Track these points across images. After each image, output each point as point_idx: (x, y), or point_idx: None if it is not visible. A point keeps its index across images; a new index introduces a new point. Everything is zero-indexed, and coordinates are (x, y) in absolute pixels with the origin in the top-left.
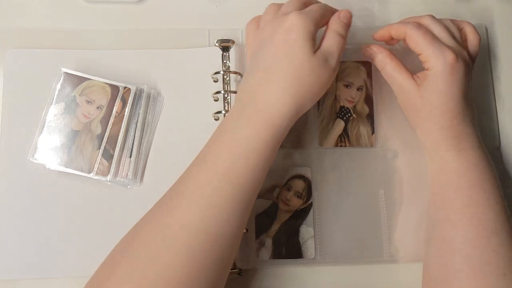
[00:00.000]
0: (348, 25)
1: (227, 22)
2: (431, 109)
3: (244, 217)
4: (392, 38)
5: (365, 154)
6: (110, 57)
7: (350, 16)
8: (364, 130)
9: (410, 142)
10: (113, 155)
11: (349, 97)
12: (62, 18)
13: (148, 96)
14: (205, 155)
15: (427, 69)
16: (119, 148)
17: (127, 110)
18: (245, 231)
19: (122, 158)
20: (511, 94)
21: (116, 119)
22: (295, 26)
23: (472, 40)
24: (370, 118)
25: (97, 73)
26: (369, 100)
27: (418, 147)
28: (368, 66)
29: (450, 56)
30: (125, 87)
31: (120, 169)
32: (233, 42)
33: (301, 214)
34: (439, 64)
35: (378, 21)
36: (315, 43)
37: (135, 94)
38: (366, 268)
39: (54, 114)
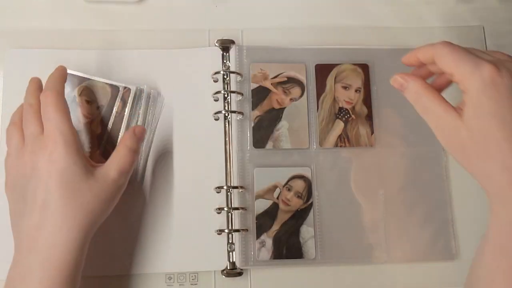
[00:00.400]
0: (142, 140)
1: (227, 22)
2: (484, 143)
3: None
4: (421, 62)
5: (364, 154)
6: (110, 57)
7: (144, 131)
8: (363, 130)
9: (410, 141)
10: None
11: (348, 98)
12: (62, 18)
13: (148, 96)
14: None
15: (464, 92)
16: None
17: (127, 110)
18: (246, 231)
19: None
20: None
21: (116, 119)
22: (54, 159)
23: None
24: (369, 118)
25: (97, 73)
26: (367, 101)
27: (418, 147)
28: (365, 68)
29: (488, 68)
30: (125, 87)
31: None
32: (233, 42)
33: (301, 214)
34: (476, 81)
35: (378, 21)
36: (82, 156)
37: (135, 94)
38: (366, 268)
39: None
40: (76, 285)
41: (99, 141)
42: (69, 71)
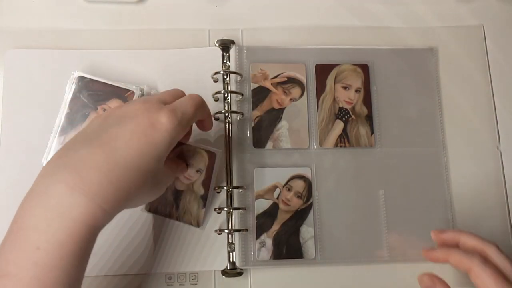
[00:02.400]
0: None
1: (227, 22)
2: None
3: None
4: (447, 260)
5: (364, 154)
6: (110, 57)
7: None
8: (363, 130)
9: (410, 141)
10: None
11: (348, 98)
12: (62, 18)
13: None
14: (7, 264)
15: None
16: None
17: None
18: (246, 231)
19: None
20: (510, 94)
21: None
22: (164, 128)
23: None
24: (369, 118)
25: (97, 73)
26: (367, 101)
27: (418, 147)
28: (365, 68)
29: None
30: (129, 90)
31: None
32: (233, 42)
33: (301, 214)
34: None
35: (378, 21)
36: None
37: (139, 98)
38: (366, 268)
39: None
40: (93, 239)
41: None
42: (83, 75)
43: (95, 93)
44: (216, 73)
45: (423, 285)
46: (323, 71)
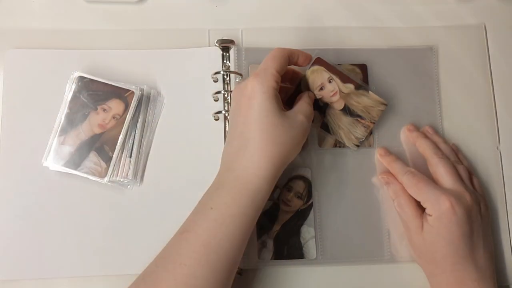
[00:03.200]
0: (313, 99)
1: (227, 22)
2: (432, 252)
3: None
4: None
5: (364, 155)
6: (110, 57)
7: (307, 57)
8: None
9: (408, 141)
10: (112, 157)
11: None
12: (62, 18)
13: (148, 96)
14: (188, 224)
15: (427, 214)
16: (118, 150)
17: (129, 113)
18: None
19: (122, 159)
20: (510, 94)
21: (118, 122)
22: (254, 91)
23: (476, 185)
24: None
25: (97, 73)
26: None
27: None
28: (363, 68)
29: (445, 204)
30: (129, 90)
31: (120, 169)
32: (233, 42)
33: (301, 215)
34: (435, 211)
35: (377, 21)
36: (279, 99)
37: (139, 98)
38: (367, 268)
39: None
40: (257, 209)
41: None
42: (83, 75)
43: (95, 93)
44: (216, 73)
45: (382, 180)
46: None
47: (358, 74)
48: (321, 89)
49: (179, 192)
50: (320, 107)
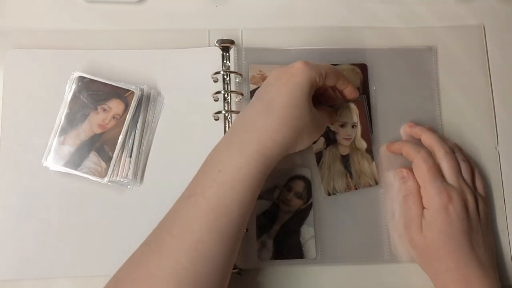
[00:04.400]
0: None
1: (227, 22)
2: (435, 250)
3: (233, 254)
4: (401, 153)
5: (364, 154)
6: (110, 57)
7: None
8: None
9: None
10: (112, 157)
11: None
12: (62, 18)
13: (148, 96)
14: (195, 187)
15: (425, 207)
16: (118, 150)
17: (129, 113)
18: (246, 231)
19: (122, 158)
20: (509, 94)
21: (118, 122)
22: (300, 70)
23: (479, 185)
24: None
25: (97, 73)
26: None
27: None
28: (364, 68)
29: (444, 198)
30: (129, 90)
31: (120, 169)
32: (233, 42)
33: (301, 215)
34: (434, 204)
35: (377, 21)
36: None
37: (139, 98)
38: (366, 268)
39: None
40: (265, 175)
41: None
42: (83, 75)
43: (95, 93)
44: (216, 73)
45: (401, 174)
46: None
47: (358, 74)
48: (342, 126)
49: (179, 192)
50: (329, 138)
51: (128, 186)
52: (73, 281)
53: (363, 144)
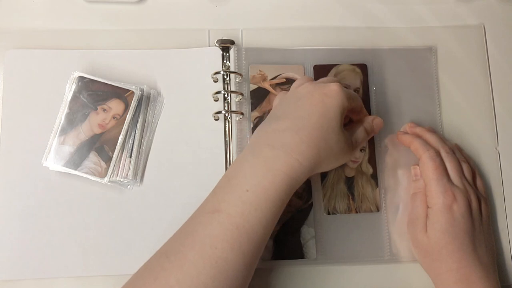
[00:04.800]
0: (375, 132)
1: (227, 22)
2: (438, 249)
3: (252, 271)
4: (409, 146)
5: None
6: (110, 57)
7: (381, 125)
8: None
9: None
10: (112, 157)
11: None
12: (62, 18)
13: (148, 96)
14: (219, 202)
15: (429, 206)
16: (118, 150)
17: (129, 113)
18: None
19: (122, 159)
20: (509, 94)
21: (118, 122)
22: (335, 93)
23: (480, 185)
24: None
25: (97, 73)
26: (366, 101)
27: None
28: (364, 68)
29: (449, 198)
30: (129, 90)
31: (120, 169)
32: (233, 42)
33: (301, 215)
34: (438, 203)
35: (377, 21)
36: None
37: (139, 98)
38: (367, 268)
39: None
40: (289, 196)
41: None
42: (83, 75)
43: (95, 93)
44: (216, 73)
45: (414, 172)
46: (321, 71)
47: (358, 74)
48: None
49: (179, 192)
50: None
51: (128, 186)
52: (73, 281)
53: (369, 169)
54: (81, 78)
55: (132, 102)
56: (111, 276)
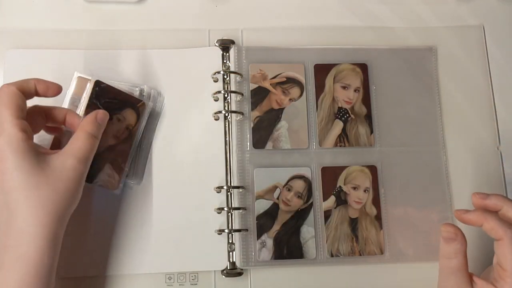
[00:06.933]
0: (103, 126)
1: (227, 22)
2: None
3: None
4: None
5: (364, 154)
6: (110, 57)
7: (106, 117)
8: (362, 130)
9: (409, 141)
10: (123, 168)
11: (347, 98)
12: (62, 18)
13: (148, 96)
14: None
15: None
16: (130, 161)
17: (141, 125)
18: (246, 231)
19: None
20: (509, 94)
21: (130, 133)
22: (4, 153)
23: None
24: (368, 118)
25: (97, 73)
26: (366, 101)
27: (418, 146)
28: (364, 68)
29: None
30: (140, 101)
31: None
32: (233, 42)
33: (301, 214)
34: None
35: (378, 21)
36: (35, 149)
37: (150, 109)
38: (366, 268)
39: None
40: (50, 283)
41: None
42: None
43: (111, 101)
44: (216, 73)
45: (444, 235)
46: (322, 71)
47: (358, 74)
48: (354, 188)
49: (179, 192)
50: (340, 198)
51: (128, 186)
52: (73, 281)
53: (373, 211)
54: (97, 83)
55: (144, 113)
56: (112, 276)
